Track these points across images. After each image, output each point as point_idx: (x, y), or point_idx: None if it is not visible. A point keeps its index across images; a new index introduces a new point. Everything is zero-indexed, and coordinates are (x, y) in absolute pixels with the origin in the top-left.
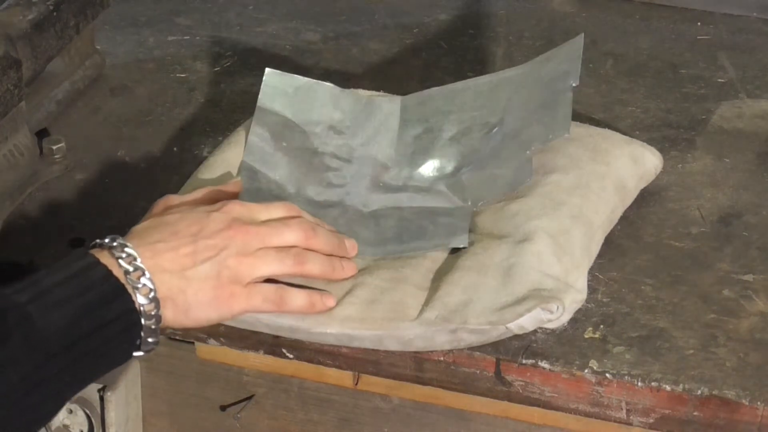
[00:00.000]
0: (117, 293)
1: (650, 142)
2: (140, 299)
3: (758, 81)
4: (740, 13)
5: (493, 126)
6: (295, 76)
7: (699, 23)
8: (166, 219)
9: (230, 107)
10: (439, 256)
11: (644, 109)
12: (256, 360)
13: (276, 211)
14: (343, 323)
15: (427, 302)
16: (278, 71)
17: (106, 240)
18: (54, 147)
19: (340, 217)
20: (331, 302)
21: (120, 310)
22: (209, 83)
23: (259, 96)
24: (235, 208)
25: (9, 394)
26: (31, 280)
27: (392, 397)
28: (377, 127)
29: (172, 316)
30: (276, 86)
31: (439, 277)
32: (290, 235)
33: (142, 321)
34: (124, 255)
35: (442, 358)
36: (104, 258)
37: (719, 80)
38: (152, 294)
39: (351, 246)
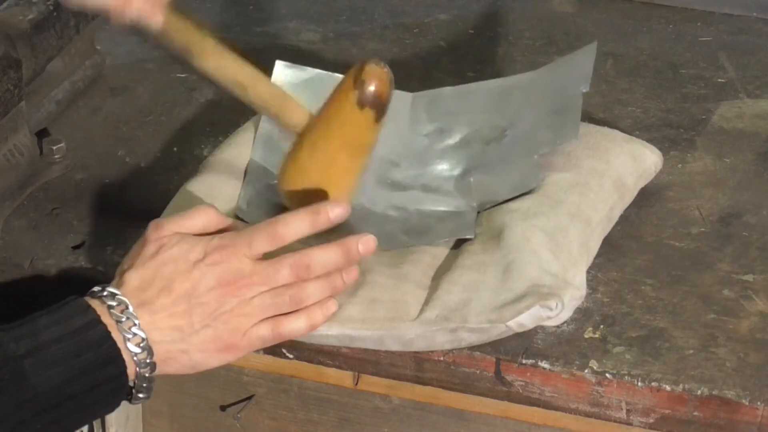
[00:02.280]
0: (113, 357)
1: (650, 142)
2: (137, 362)
3: (758, 81)
4: (740, 13)
5: (504, 130)
6: (305, 67)
7: (699, 23)
8: (160, 270)
9: (230, 107)
10: (439, 253)
11: (644, 109)
12: (256, 360)
13: (259, 241)
14: (344, 324)
15: (427, 301)
16: (288, 63)
17: (105, 293)
18: (54, 147)
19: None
20: (333, 308)
21: (113, 373)
22: (209, 83)
23: None
24: (221, 258)
25: None
26: (30, 328)
27: (392, 397)
28: (386, 122)
29: (175, 371)
30: (286, 78)
31: (439, 275)
32: (283, 278)
33: (135, 382)
34: (124, 318)
35: (442, 358)
36: (102, 314)
37: (719, 80)
38: (149, 360)
39: (364, 247)
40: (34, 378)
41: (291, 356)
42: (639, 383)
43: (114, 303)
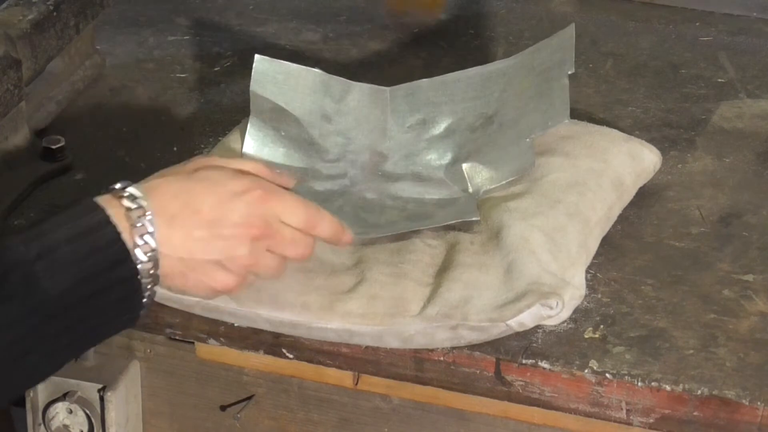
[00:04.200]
0: (122, 259)
1: (650, 142)
2: (141, 270)
3: (758, 81)
4: (740, 13)
5: (489, 117)
6: (284, 62)
7: (699, 23)
8: (194, 187)
9: (230, 107)
10: (438, 252)
11: (644, 109)
12: (256, 360)
13: (296, 212)
14: (344, 318)
15: (428, 298)
16: (268, 57)
17: (126, 193)
18: (54, 147)
19: (346, 205)
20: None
21: (122, 276)
22: (209, 83)
23: (251, 83)
24: (260, 200)
25: (2, 354)
26: (39, 230)
27: (392, 397)
28: (368, 116)
29: (165, 288)
30: (266, 72)
31: (440, 273)
32: (296, 252)
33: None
34: (139, 225)
35: (442, 358)
36: (117, 214)
37: (719, 80)
38: (152, 271)
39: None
40: (45, 282)
41: (291, 356)
42: (639, 383)
43: (133, 206)
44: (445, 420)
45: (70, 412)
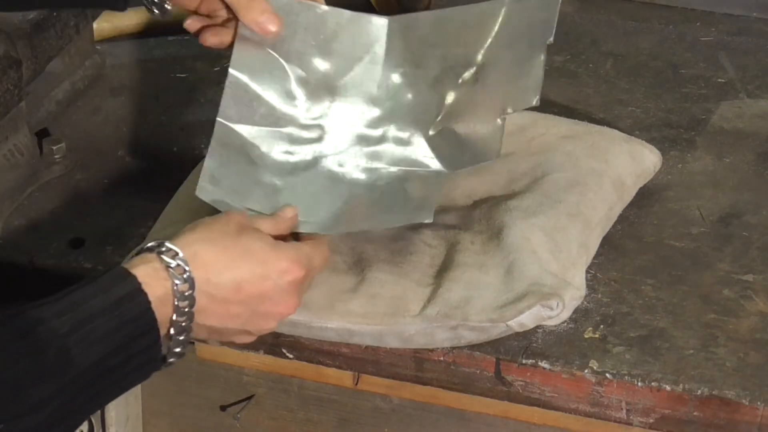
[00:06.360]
0: (149, 330)
1: (650, 142)
2: (177, 307)
3: (758, 81)
4: (740, 13)
5: (475, 71)
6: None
7: (699, 23)
8: (239, 264)
9: None
10: (438, 252)
11: (644, 109)
12: (256, 360)
13: (319, 269)
14: (344, 317)
15: (428, 299)
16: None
17: (172, 263)
18: (54, 147)
19: (310, 185)
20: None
21: (147, 344)
22: (209, 83)
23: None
24: (299, 282)
25: (35, 430)
26: (71, 300)
27: (392, 397)
28: (361, 55)
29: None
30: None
31: (440, 274)
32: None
33: (171, 331)
34: (183, 303)
35: (442, 358)
36: (157, 277)
37: (719, 80)
38: (183, 336)
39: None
40: (78, 357)
41: (291, 356)
42: (639, 383)
43: (173, 263)
44: (445, 420)
45: None
